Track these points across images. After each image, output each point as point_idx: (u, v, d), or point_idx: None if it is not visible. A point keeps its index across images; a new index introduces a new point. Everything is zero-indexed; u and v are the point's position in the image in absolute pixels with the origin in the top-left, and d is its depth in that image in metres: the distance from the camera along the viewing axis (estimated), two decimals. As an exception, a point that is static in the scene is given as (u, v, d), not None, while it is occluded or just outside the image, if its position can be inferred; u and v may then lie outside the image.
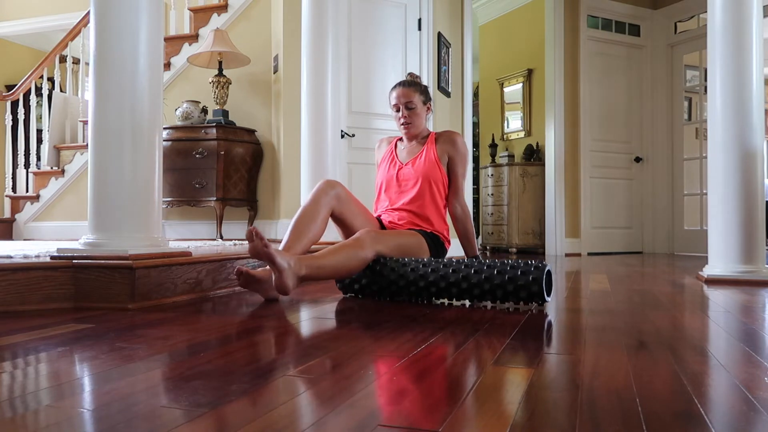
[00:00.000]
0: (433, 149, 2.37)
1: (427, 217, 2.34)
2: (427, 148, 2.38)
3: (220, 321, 1.60)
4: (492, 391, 0.92)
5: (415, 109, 2.37)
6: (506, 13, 6.73)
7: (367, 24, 4.24)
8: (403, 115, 2.38)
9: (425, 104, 2.42)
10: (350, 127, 4.13)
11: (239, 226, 4.37)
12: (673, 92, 5.92)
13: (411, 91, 2.38)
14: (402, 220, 2.35)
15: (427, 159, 2.36)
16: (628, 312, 1.80)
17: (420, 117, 2.40)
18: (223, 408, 0.82)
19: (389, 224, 2.37)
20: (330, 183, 2.21)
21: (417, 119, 2.39)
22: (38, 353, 1.18)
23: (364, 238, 2.04)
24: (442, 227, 2.38)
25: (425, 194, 2.33)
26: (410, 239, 2.23)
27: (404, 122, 2.39)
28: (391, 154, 2.48)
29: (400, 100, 2.37)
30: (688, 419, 0.79)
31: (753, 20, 2.76)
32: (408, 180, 2.38)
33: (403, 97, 2.37)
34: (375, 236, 2.07)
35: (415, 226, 2.33)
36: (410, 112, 2.37)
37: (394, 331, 1.45)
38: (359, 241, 2.02)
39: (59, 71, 5.08)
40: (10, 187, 5.11)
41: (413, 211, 2.34)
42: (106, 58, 1.93)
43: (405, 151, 2.46)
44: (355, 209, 2.27)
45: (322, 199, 2.17)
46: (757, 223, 2.73)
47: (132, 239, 1.91)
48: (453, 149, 2.37)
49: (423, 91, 2.42)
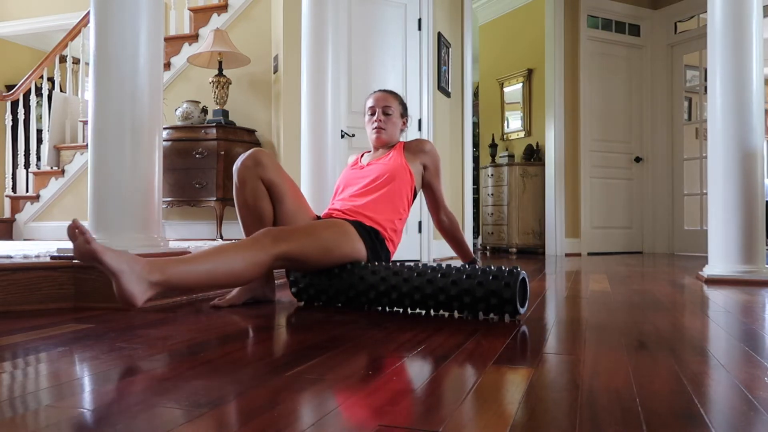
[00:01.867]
0: (401, 154, 2.17)
1: (373, 210, 2.04)
2: (395, 152, 2.18)
3: (220, 321, 1.60)
4: (492, 391, 0.92)
5: (392, 116, 2.21)
6: (506, 13, 6.73)
7: (367, 24, 4.24)
8: (378, 119, 2.19)
9: (402, 117, 2.27)
10: (350, 127, 4.13)
11: (239, 226, 4.36)
12: (673, 92, 5.92)
13: (391, 97, 2.24)
14: (342, 209, 2.07)
15: (393, 159, 2.15)
16: (628, 312, 1.80)
17: (395, 126, 2.23)
18: (223, 408, 0.82)
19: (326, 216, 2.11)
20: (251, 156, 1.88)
21: (391, 127, 2.22)
22: (38, 353, 1.18)
23: (262, 238, 1.70)
24: (388, 225, 2.06)
25: (381, 188, 2.07)
26: (333, 232, 1.86)
27: (377, 126, 2.19)
28: (355, 162, 2.30)
29: (378, 103, 2.21)
30: (688, 419, 0.79)
31: (753, 20, 2.76)
32: (366, 176, 2.14)
33: (383, 100, 2.21)
34: (278, 234, 1.72)
35: (354, 215, 2.03)
36: (386, 118, 2.20)
37: (394, 331, 1.45)
38: (255, 241, 1.69)
39: (59, 71, 5.08)
40: (10, 187, 5.11)
41: (358, 202, 2.07)
42: (106, 58, 1.93)
43: (369, 156, 2.28)
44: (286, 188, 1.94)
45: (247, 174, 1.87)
46: (757, 223, 2.73)
47: (132, 239, 1.91)
48: (426, 157, 2.19)
49: (402, 103, 2.28)
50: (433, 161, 2.20)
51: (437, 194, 2.23)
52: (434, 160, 2.21)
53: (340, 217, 2.04)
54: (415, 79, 4.45)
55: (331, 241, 1.83)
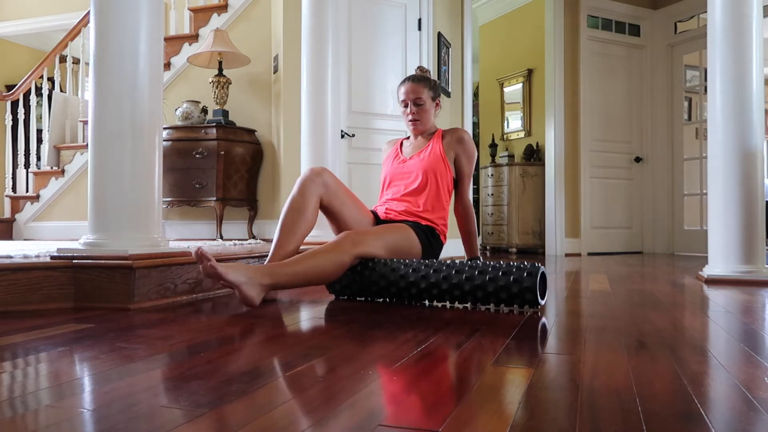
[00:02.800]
0: (440, 145, 2.32)
1: (426, 209, 2.27)
2: (433, 143, 2.34)
3: (220, 321, 1.60)
4: (492, 391, 0.92)
5: (424, 105, 2.33)
6: (506, 13, 6.73)
7: (367, 24, 4.24)
8: (411, 112, 2.34)
9: (434, 100, 2.37)
10: (350, 127, 4.13)
11: (239, 226, 4.37)
12: (673, 92, 5.92)
13: (420, 86, 2.33)
14: (399, 210, 2.29)
15: (432, 153, 2.31)
16: (628, 312, 1.80)
17: (428, 113, 2.36)
18: (223, 408, 0.82)
19: (385, 215, 2.32)
20: (316, 170, 2.12)
21: (425, 115, 2.35)
22: (38, 353, 1.18)
23: (343, 242, 1.95)
24: (440, 221, 2.31)
25: (427, 186, 2.28)
26: (398, 235, 2.13)
27: (412, 119, 2.35)
28: (395, 153, 2.46)
29: (409, 96, 2.33)
30: (688, 419, 0.79)
31: (753, 20, 2.76)
32: (411, 172, 2.33)
33: (412, 93, 2.32)
34: (355, 238, 1.98)
35: (411, 216, 2.27)
36: (418, 109, 2.33)
37: (393, 331, 1.45)
38: (337, 245, 1.93)
39: (59, 71, 5.08)
40: (10, 187, 5.11)
41: (412, 202, 2.29)
42: (106, 58, 1.93)
43: (410, 147, 2.43)
44: (346, 198, 2.19)
45: (309, 188, 2.09)
46: (757, 223, 2.73)
47: (132, 239, 1.91)
48: (461, 147, 2.33)
49: (432, 86, 2.37)
50: (466, 152, 2.34)
51: (463, 183, 2.37)
52: (468, 150, 2.34)
53: (398, 218, 2.28)
54: (415, 79, 4.44)
55: (397, 243, 2.11)
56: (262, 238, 4.33)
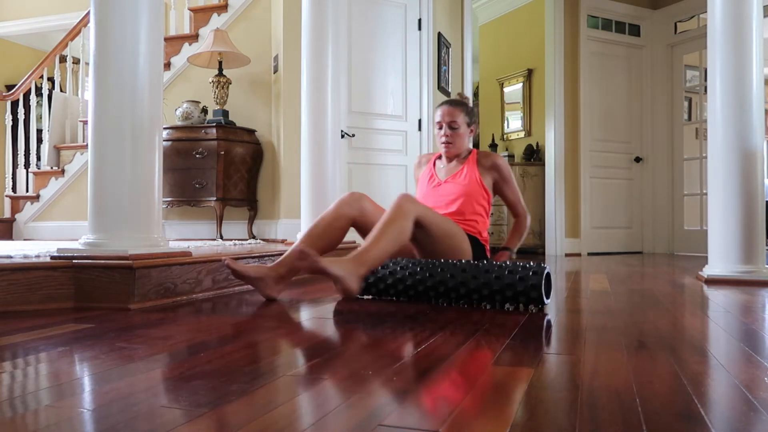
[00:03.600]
0: (476, 170, 2.36)
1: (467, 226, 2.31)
2: (469, 167, 2.37)
3: (220, 321, 1.60)
4: (492, 391, 0.92)
5: (458, 129, 2.37)
6: (506, 13, 6.73)
7: (367, 24, 4.24)
8: (445, 134, 2.38)
9: (469, 126, 2.42)
10: (350, 127, 4.13)
11: (239, 226, 4.37)
12: (673, 92, 5.92)
13: (457, 110, 2.38)
14: None
15: (469, 177, 2.35)
16: (628, 312, 1.80)
17: (462, 138, 2.40)
18: (223, 408, 0.82)
19: None
20: (355, 195, 2.20)
21: (459, 140, 2.39)
22: (38, 353, 1.18)
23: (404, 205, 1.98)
24: (484, 236, 2.36)
25: (465, 211, 2.32)
26: (451, 224, 2.17)
27: (446, 141, 2.38)
28: (429, 172, 2.48)
29: (444, 119, 2.37)
30: (688, 419, 0.79)
31: (753, 20, 2.76)
32: (446, 196, 2.37)
33: (448, 115, 2.37)
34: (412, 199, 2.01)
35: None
36: (453, 132, 2.37)
37: (394, 331, 1.45)
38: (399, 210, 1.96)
39: (59, 71, 5.07)
40: (10, 187, 5.11)
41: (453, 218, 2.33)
42: (106, 58, 1.93)
43: (444, 170, 2.45)
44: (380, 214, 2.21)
45: (344, 209, 2.16)
46: (757, 223, 2.73)
47: (132, 239, 1.91)
48: (498, 175, 2.39)
49: (468, 112, 2.42)
50: (502, 175, 2.40)
51: (508, 202, 2.47)
52: (503, 174, 2.40)
53: None
54: (415, 79, 4.45)
55: (453, 229, 2.16)
56: (262, 238, 4.33)
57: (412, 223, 1.98)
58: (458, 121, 2.36)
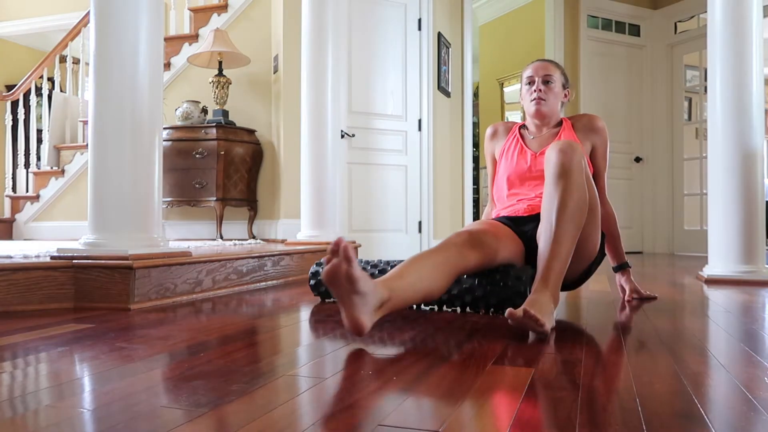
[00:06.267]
0: (574, 136, 1.99)
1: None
2: (565, 134, 2.00)
3: (220, 321, 1.60)
4: (492, 391, 0.92)
5: (553, 86, 1.99)
6: (506, 13, 6.73)
7: (367, 24, 4.24)
8: (537, 88, 1.98)
9: (564, 88, 2.06)
10: (350, 127, 4.13)
11: (239, 226, 4.37)
12: (673, 92, 5.92)
13: (552, 66, 2.02)
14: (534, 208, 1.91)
15: None
16: (629, 312, 1.80)
17: (556, 97, 2.01)
18: (223, 408, 0.82)
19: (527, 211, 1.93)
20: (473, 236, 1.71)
21: (552, 98, 1.99)
22: (38, 353, 1.18)
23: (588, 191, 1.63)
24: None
25: None
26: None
27: (537, 96, 1.98)
28: (516, 144, 2.05)
29: (538, 72, 1.99)
30: (688, 419, 0.79)
31: (753, 20, 2.76)
32: None
33: (542, 69, 1.99)
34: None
35: None
36: (546, 87, 1.99)
37: (394, 331, 1.45)
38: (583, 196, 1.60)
39: (59, 71, 5.07)
40: (10, 187, 5.11)
41: None
42: (106, 58, 1.92)
43: (536, 141, 2.04)
44: (496, 244, 1.77)
45: (452, 251, 1.63)
46: (757, 223, 2.73)
47: (132, 239, 1.91)
48: (598, 138, 2.00)
49: (565, 74, 2.08)
50: (603, 142, 2.01)
51: (599, 179, 2.01)
52: (604, 140, 2.02)
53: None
54: (415, 79, 4.45)
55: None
56: (262, 238, 4.33)
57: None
58: (554, 77, 1.99)
